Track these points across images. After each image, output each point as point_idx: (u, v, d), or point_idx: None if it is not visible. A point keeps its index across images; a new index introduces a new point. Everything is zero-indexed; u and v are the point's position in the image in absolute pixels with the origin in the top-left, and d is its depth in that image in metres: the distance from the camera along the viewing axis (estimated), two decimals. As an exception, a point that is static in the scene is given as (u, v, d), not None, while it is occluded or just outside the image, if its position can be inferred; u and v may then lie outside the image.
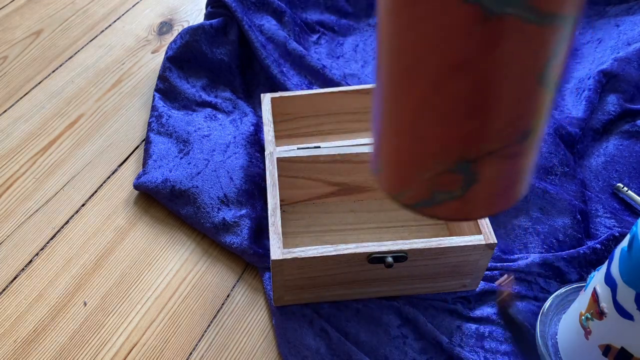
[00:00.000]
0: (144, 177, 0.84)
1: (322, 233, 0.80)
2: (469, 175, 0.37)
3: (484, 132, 0.35)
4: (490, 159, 0.36)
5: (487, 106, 0.34)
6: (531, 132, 0.36)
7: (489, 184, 0.38)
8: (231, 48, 1.01)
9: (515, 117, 0.35)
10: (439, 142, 0.36)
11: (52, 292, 0.76)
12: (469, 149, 0.36)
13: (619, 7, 1.13)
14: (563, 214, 0.81)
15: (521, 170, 0.38)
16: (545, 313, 0.71)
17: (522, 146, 0.37)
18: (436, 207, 0.39)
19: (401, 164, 0.39)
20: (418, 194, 0.39)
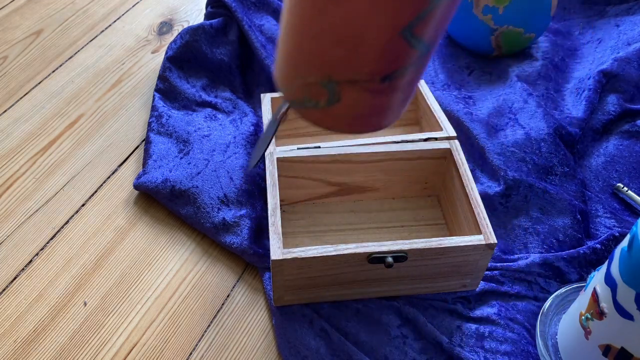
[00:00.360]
0: (144, 177, 0.84)
1: (322, 233, 0.80)
2: (333, 94, 0.46)
3: (348, 62, 0.43)
4: (351, 87, 0.45)
5: (353, 39, 0.42)
6: (392, 77, 0.44)
7: (348, 107, 0.46)
8: (231, 48, 1.01)
9: (376, 58, 0.43)
10: (314, 56, 0.44)
11: (52, 292, 0.76)
12: (335, 71, 0.44)
13: (619, 7, 1.13)
14: (563, 214, 0.81)
15: (378, 106, 0.47)
16: (545, 313, 0.71)
17: (383, 86, 0.45)
18: (305, 111, 0.48)
19: (287, 65, 0.47)
20: (294, 94, 0.48)
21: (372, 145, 0.78)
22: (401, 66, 0.44)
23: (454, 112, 0.93)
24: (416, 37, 0.42)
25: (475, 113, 0.94)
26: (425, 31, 0.42)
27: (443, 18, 0.42)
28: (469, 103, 0.97)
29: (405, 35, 0.42)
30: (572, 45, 1.09)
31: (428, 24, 0.42)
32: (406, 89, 0.47)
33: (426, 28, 0.42)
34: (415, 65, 0.45)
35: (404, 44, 0.42)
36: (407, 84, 0.47)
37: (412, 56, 0.44)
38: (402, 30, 0.41)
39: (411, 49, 0.43)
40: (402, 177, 0.82)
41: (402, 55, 0.43)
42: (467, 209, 0.73)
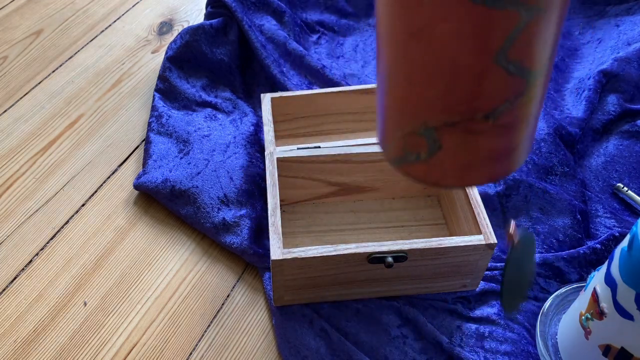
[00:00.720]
0: (144, 177, 0.84)
1: (322, 233, 0.80)
2: (432, 141, 0.41)
3: (441, 101, 0.39)
4: (451, 130, 0.40)
5: (443, 75, 0.37)
6: (496, 113, 0.39)
7: (453, 154, 0.41)
8: (231, 48, 1.01)
9: (472, 93, 0.38)
10: (406, 103, 0.40)
11: (52, 292, 0.76)
12: (429, 115, 0.40)
13: (619, 7, 1.13)
14: (563, 214, 0.81)
15: (490, 150, 0.41)
16: (545, 313, 0.71)
17: (487, 126, 0.39)
18: (408, 166, 0.44)
19: (386, 121, 0.44)
20: (395, 151, 0.44)
21: (372, 145, 0.78)
22: (506, 99, 0.38)
23: (454, 112, 0.93)
24: (513, 62, 0.37)
25: (475, 113, 0.94)
26: (523, 54, 0.37)
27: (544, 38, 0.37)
28: (469, 103, 0.97)
29: (500, 62, 0.36)
30: (572, 45, 1.09)
31: (524, 45, 0.36)
32: (522, 125, 0.41)
33: (524, 51, 0.36)
34: (526, 97, 0.39)
35: (501, 72, 0.37)
36: (522, 120, 0.40)
37: (516, 86, 0.38)
38: (495, 55, 0.36)
39: (512, 77, 0.37)
40: (402, 177, 0.82)
41: (502, 85, 0.38)
42: (467, 209, 0.73)
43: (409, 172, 0.44)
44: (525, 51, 0.37)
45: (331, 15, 1.14)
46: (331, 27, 1.12)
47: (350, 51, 1.08)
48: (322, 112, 0.89)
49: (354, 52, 1.08)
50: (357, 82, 1.01)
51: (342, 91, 0.87)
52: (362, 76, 1.03)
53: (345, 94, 0.87)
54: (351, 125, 0.91)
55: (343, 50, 1.09)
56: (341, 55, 1.08)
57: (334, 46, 1.09)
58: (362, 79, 1.02)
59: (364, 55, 1.08)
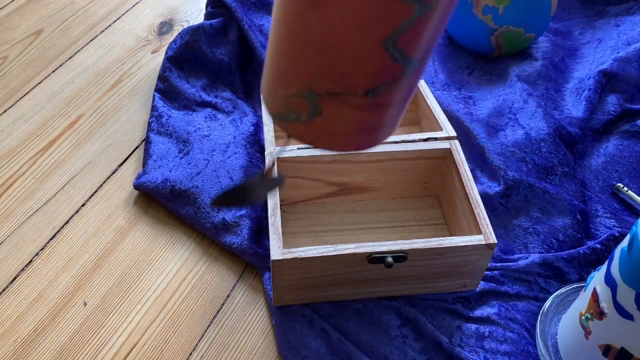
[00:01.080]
0: (144, 177, 0.84)
1: (322, 233, 0.80)
2: (313, 106, 0.44)
3: (328, 72, 0.41)
4: (333, 100, 0.43)
5: (332, 48, 0.40)
6: (375, 92, 0.42)
7: (330, 121, 0.44)
8: (231, 48, 1.01)
9: (357, 69, 0.41)
10: (295, 67, 0.43)
11: (52, 292, 0.76)
12: (315, 81, 0.42)
13: (619, 7, 1.13)
14: (563, 214, 0.81)
15: (362, 122, 0.45)
16: (545, 313, 0.71)
17: (365, 101, 0.43)
18: (288, 124, 0.46)
19: (270, 76, 0.46)
20: (277, 107, 0.46)
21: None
22: (385, 81, 0.42)
23: (454, 112, 0.93)
24: (400, 50, 0.40)
25: (475, 113, 0.94)
26: (410, 45, 0.40)
27: (429, 33, 0.40)
28: (469, 103, 0.97)
29: (387, 48, 0.40)
30: (572, 45, 1.09)
31: (413, 37, 0.40)
32: (393, 107, 0.45)
33: (411, 41, 0.40)
34: (402, 82, 0.43)
35: (386, 57, 0.40)
36: (394, 102, 0.45)
37: (397, 71, 0.42)
38: (384, 41, 0.39)
39: (395, 63, 0.41)
40: (402, 177, 0.82)
41: (385, 69, 0.41)
42: (467, 209, 0.73)
43: (287, 129, 0.47)
44: (411, 42, 0.40)
45: (331, 15, 1.14)
46: (331, 27, 1.12)
47: (350, 51, 1.08)
48: (322, 112, 0.89)
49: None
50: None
51: (342, 91, 0.87)
52: (362, 76, 1.02)
53: (345, 94, 0.87)
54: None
55: (343, 50, 1.09)
56: (341, 55, 1.08)
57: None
58: (362, 79, 1.02)
59: (364, 55, 1.08)
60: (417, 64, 0.43)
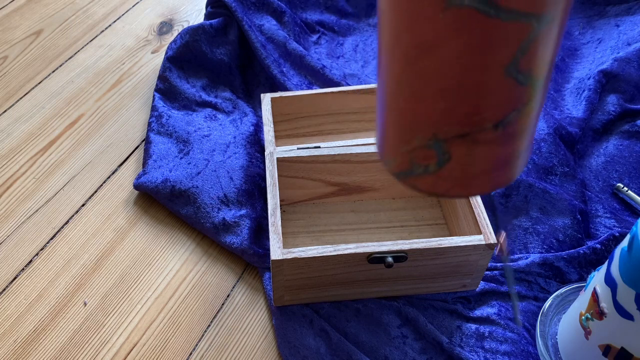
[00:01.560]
0: (144, 177, 0.84)
1: (322, 233, 0.80)
2: (442, 153, 0.40)
3: (452, 114, 0.38)
4: (461, 141, 0.40)
5: (453, 88, 0.37)
6: (504, 122, 0.39)
7: (462, 165, 0.41)
8: (231, 48, 1.01)
9: (482, 104, 0.38)
10: (414, 117, 0.40)
11: (52, 292, 0.76)
12: (440, 128, 0.39)
13: (619, 7, 1.13)
14: (563, 214, 0.81)
15: (497, 158, 0.41)
16: (545, 313, 0.71)
17: (496, 135, 0.39)
18: (415, 179, 0.43)
19: (389, 135, 0.43)
20: (400, 164, 0.43)
21: (372, 145, 0.78)
22: (514, 108, 0.39)
23: (454, 112, 0.93)
24: (523, 72, 0.37)
25: (475, 113, 0.94)
26: (532, 64, 0.37)
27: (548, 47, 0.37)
28: (469, 103, 0.97)
29: (511, 73, 0.36)
30: (572, 45, 1.09)
31: (533, 56, 0.36)
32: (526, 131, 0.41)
33: (532, 61, 0.37)
34: (532, 103, 0.40)
35: (511, 83, 0.37)
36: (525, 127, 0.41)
37: (524, 94, 0.38)
38: (506, 68, 0.36)
39: (521, 87, 0.38)
40: (402, 177, 0.82)
41: (512, 95, 0.38)
42: (467, 209, 0.73)
43: (415, 184, 0.44)
44: (534, 60, 0.37)
45: (331, 15, 1.14)
46: (331, 27, 1.12)
47: (350, 51, 1.08)
48: (322, 112, 0.89)
49: (354, 52, 1.08)
50: (357, 82, 1.01)
51: (342, 91, 0.87)
52: (362, 76, 1.03)
53: (345, 94, 0.87)
54: (351, 125, 0.91)
55: (343, 50, 1.09)
56: (341, 55, 1.08)
57: (334, 46, 1.09)
58: (362, 79, 1.02)
59: (364, 55, 1.08)
60: (543, 80, 0.39)
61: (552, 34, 0.36)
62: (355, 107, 0.89)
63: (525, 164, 0.44)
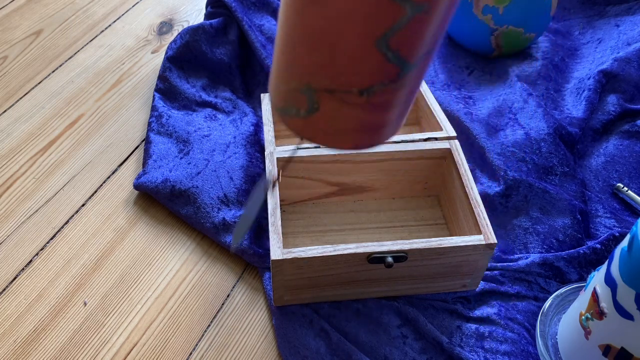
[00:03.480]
0: (144, 177, 0.84)
1: (322, 233, 0.80)
2: (311, 101, 0.45)
3: (324, 68, 0.42)
4: (329, 96, 0.44)
5: (328, 44, 0.41)
6: (370, 92, 0.43)
7: (328, 118, 0.45)
8: (231, 48, 1.01)
9: (351, 67, 0.42)
10: (295, 62, 0.44)
11: (52, 292, 0.76)
12: (312, 77, 0.43)
13: (619, 7, 1.13)
14: (563, 214, 0.81)
15: (361, 122, 0.46)
16: (545, 313, 0.71)
17: (361, 100, 0.44)
18: (289, 119, 0.48)
19: (274, 71, 0.47)
20: (279, 101, 0.48)
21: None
22: (380, 81, 0.43)
23: (454, 112, 0.93)
24: (393, 51, 0.41)
25: (475, 113, 0.94)
26: (404, 46, 0.41)
27: (425, 36, 0.41)
28: (469, 103, 0.97)
29: (380, 47, 0.40)
30: (572, 45, 1.09)
31: (406, 39, 0.40)
32: (392, 108, 0.46)
33: (405, 43, 0.40)
34: (400, 83, 0.43)
35: (380, 57, 0.41)
36: (393, 103, 0.45)
37: (392, 72, 0.42)
38: (377, 41, 0.40)
39: (389, 64, 0.41)
40: (402, 177, 0.82)
41: (380, 69, 0.42)
42: (467, 209, 0.73)
43: (288, 124, 0.48)
44: (405, 43, 0.40)
45: (331, 15, 1.14)
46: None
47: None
48: (322, 112, 0.89)
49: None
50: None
51: (342, 91, 0.87)
52: (362, 76, 1.02)
53: (345, 94, 0.87)
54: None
55: (343, 50, 1.09)
56: (341, 55, 1.08)
57: (334, 46, 1.09)
58: (362, 79, 1.02)
59: (364, 55, 1.08)
60: (415, 67, 0.43)
61: (428, 24, 0.40)
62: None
63: (388, 136, 0.49)
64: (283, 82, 0.46)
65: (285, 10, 0.43)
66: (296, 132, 0.48)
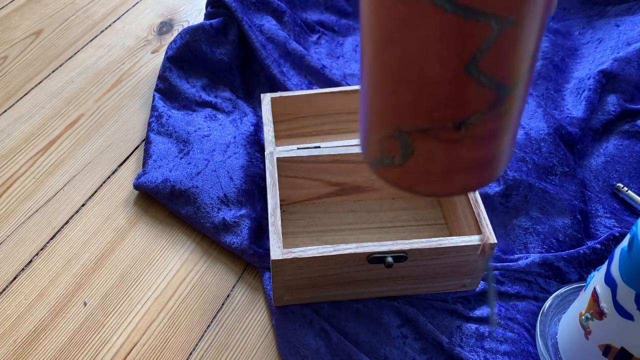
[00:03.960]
0: (144, 177, 0.84)
1: (322, 233, 0.80)
2: (406, 146, 0.41)
3: (413, 107, 0.39)
4: (423, 137, 0.40)
5: (414, 81, 0.38)
6: (467, 124, 0.39)
7: (426, 161, 0.41)
8: (231, 48, 1.01)
9: (442, 101, 0.38)
10: (382, 107, 0.41)
11: (52, 292, 0.76)
12: (403, 120, 0.40)
13: (619, 7, 1.13)
14: (563, 214, 0.81)
15: (462, 159, 0.41)
16: (545, 313, 0.71)
17: (458, 135, 0.39)
18: (383, 169, 0.44)
19: (365, 124, 0.44)
20: (372, 154, 0.45)
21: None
22: (476, 110, 0.38)
23: (454, 112, 0.93)
24: (485, 73, 0.37)
25: (475, 113, 0.94)
26: (496, 66, 0.37)
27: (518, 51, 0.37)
28: (469, 103, 0.97)
29: (471, 72, 0.37)
30: (572, 45, 1.09)
31: (496, 59, 0.36)
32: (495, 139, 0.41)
33: (497, 63, 0.37)
34: (499, 109, 0.39)
35: (473, 84, 0.37)
36: (495, 133, 0.40)
37: (487, 98, 0.38)
38: (466, 66, 0.36)
39: (484, 89, 0.38)
40: (402, 177, 0.82)
41: (474, 97, 0.38)
42: (467, 209, 0.73)
43: (384, 175, 0.45)
44: (498, 64, 0.37)
45: (331, 15, 1.14)
46: (331, 27, 1.12)
47: (350, 51, 1.08)
48: (322, 112, 0.89)
49: (354, 52, 1.08)
50: (357, 82, 1.01)
51: (342, 91, 0.87)
52: (362, 76, 1.02)
53: (345, 94, 0.87)
54: (351, 125, 0.91)
55: (343, 50, 1.09)
56: (341, 55, 1.08)
57: (334, 46, 1.09)
58: (362, 79, 1.02)
59: (364, 55, 1.08)
60: (514, 88, 0.39)
61: (520, 39, 0.36)
62: (355, 107, 0.89)
63: (501, 170, 0.44)
64: (372, 132, 0.43)
65: (364, 57, 0.41)
66: (394, 183, 0.45)
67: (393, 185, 0.45)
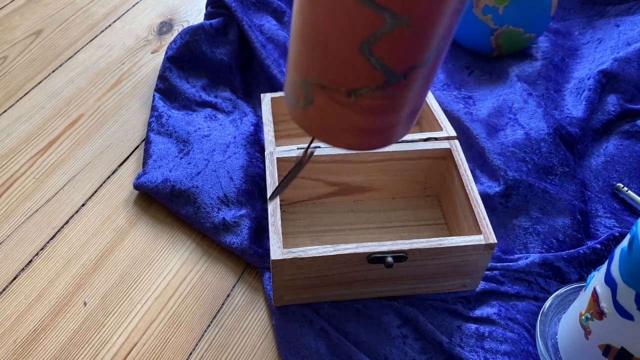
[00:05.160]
0: (144, 177, 0.84)
1: (322, 233, 0.80)
2: (307, 94, 0.47)
3: (318, 65, 0.45)
4: (322, 92, 0.46)
5: (320, 44, 0.43)
6: (356, 94, 0.45)
7: (321, 112, 0.47)
8: (231, 48, 1.01)
9: (338, 67, 0.44)
10: (297, 56, 0.47)
11: (52, 292, 0.76)
12: (308, 72, 0.46)
13: (619, 7, 1.13)
14: (563, 214, 0.81)
15: (351, 122, 0.47)
16: (545, 313, 0.71)
17: (349, 101, 0.45)
18: (290, 107, 0.50)
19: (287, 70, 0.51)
20: (287, 93, 0.51)
21: (372, 145, 0.78)
22: (365, 85, 0.44)
23: (454, 112, 0.93)
24: (376, 58, 0.42)
25: (475, 113, 0.94)
26: (387, 55, 0.42)
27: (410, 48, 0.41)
28: (469, 103, 0.97)
29: (364, 52, 0.42)
30: (572, 45, 1.09)
31: (390, 48, 0.41)
32: (383, 114, 0.47)
33: (388, 52, 0.41)
34: (387, 91, 0.44)
35: (364, 62, 0.42)
36: (382, 109, 0.46)
37: (378, 79, 0.43)
38: (360, 45, 0.41)
39: (373, 70, 0.43)
40: (402, 177, 0.82)
41: (365, 74, 0.43)
42: (467, 209, 0.73)
43: (290, 112, 0.51)
44: (389, 52, 0.42)
45: (331, 15, 1.14)
46: (331, 27, 1.12)
47: (350, 51, 1.08)
48: (322, 112, 0.89)
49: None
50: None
51: (342, 91, 0.87)
52: (362, 76, 1.03)
53: (345, 94, 0.87)
54: (351, 125, 0.91)
55: (343, 50, 1.09)
56: (341, 55, 1.08)
57: (334, 46, 1.09)
58: (362, 79, 1.02)
59: (364, 55, 1.08)
60: (405, 78, 0.44)
61: (412, 38, 0.41)
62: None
63: (386, 143, 0.50)
64: (289, 74, 0.49)
65: (294, 8, 0.46)
66: (296, 121, 0.50)
67: (296, 123, 0.51)
